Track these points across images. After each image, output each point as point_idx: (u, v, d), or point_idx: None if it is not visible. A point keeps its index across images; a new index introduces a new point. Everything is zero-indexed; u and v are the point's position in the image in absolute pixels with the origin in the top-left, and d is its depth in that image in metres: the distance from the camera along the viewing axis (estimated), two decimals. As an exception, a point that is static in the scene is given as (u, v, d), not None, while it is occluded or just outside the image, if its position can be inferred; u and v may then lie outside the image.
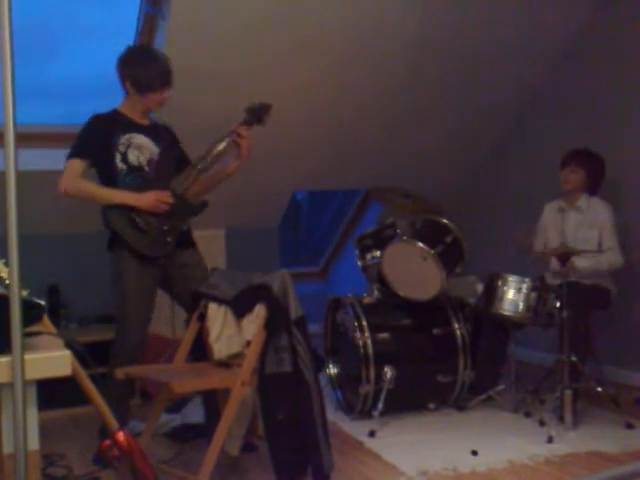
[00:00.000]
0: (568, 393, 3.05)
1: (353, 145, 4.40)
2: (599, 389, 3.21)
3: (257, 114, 3.02)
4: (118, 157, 2.88)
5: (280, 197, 4.71)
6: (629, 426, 3.09)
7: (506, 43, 4.01)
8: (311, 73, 3.87)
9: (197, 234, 4.67)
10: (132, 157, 2.90)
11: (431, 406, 3.41)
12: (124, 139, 2.90)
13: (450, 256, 3.35)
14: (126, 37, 3.74)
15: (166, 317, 3.96)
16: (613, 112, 3.89)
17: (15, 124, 1.37)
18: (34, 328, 1.45)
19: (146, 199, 2.84)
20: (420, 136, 4.47)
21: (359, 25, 3.70)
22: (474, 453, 2.82)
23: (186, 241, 3.04)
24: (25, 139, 3.69)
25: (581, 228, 3.49)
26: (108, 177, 2.90)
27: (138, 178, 2.90)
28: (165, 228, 2.90)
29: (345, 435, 3.13)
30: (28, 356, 1.28)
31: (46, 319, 1.58)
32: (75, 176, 2.85)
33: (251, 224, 4.69)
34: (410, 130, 4.42)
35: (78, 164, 2.86)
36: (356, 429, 3.18)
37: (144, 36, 3.67)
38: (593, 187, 3.55)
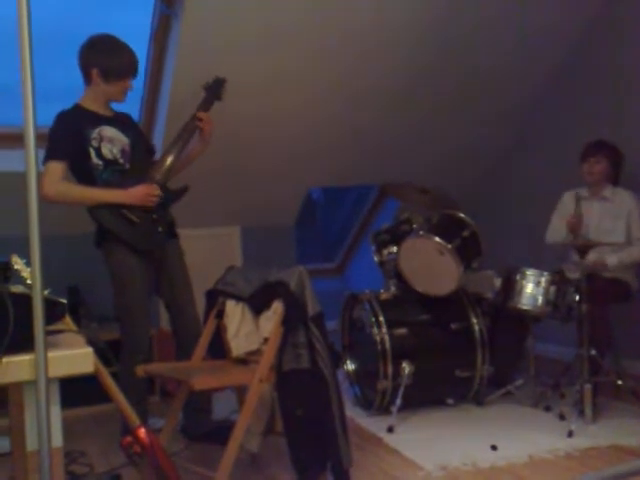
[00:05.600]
0: (588, 387, 3.03)
1: (368, 143, 4.39)
2: (619, 382, 3.18)
3: (214, 90, 3.01)
4: (93, 153, 2.85)
5: (296, 194, 4.72)
6: (650, 419, 3.07)
7: (515, 41, 3.99)
8: (326, 77, 3.87)
9: (213, 232, 4.71)
10: (106, 151, 2.87)
11: (450, 401, 3.40)
12: (95, 133, 2.86)
13: (467, 250, 3.33)
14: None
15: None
16: (621, 104, 3.85)
17: (35, 125, 1.38)
18: (56, 326, 1.47)
19: (135, 194, 2.83)
20: (435, 133, 4.46)
21: (375, 31, 3.70)
22: (494, 448, 2.81)
23: (171, 232, 3.05)
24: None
25: (605, 218, 3.47)
26: (84, 175, 2.86)
27: (115, 172, 2.89)
28: (154, 217, 2.90)
29: (363, 431, 3.14)
30: (51, 354, 1.30)
31: (67, 317, 1.60)
32: (58, 180, 2.78)
33: (267, 222, 4.70)
34: (425, 128, 4.40)
35: (58, 167, 2.79)
36: (374, 425, 3.18)
37: (158, 37, 3.69)
38: (616, 177, 3.53)
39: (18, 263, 1.59)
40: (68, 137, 2.83)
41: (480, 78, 4.18)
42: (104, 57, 2.85)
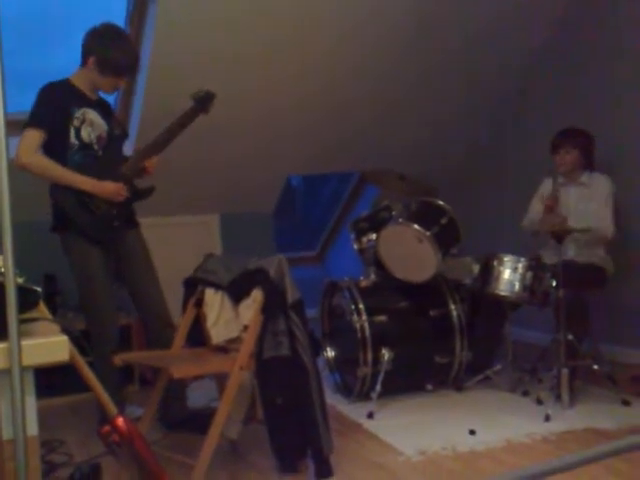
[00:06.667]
0: (565, 372, 3.07)
1: (347, 129, 4.38)
2: (595, 367, 3.23)
3: (203, 103, 2.95)
4: (72, 131, 2.84)
5: (274, 182, 4.70)
6: (625, 403, 3.12)
7: (500, 21, 3.99)
8: (306, 57, 3.85)
9: (191, 219, 4.67)
10: (85, 134, 2.86)
11: (429, 387, 3.42)
12: (79, 113, 2.85)
13: (446, 237, 3.35)
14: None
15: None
16: (611, 85, 3.87)
17: (5, 112, 1.36)
18: (30, 314, 1.45)
19: (107, 189, 2.84)
20: (414, 119, 4.46)
21: (354, 8, 3.67)
22: (472, 432, 2.84)
23: (130, 221, 3.04)
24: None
25: (581, 201, 3.50)
26: (57, 150, 2.83)
27: (87, 157, 2.88)
28: (114, 212, 2.90)
29: (344, 417, 3.15)
30: (25, 342, 1.28)
31: (42, 305, 1.58)
32: (35, 149, 2.77)
33: (246, 209, 4.69)
34: (404, 113, 4.40)
35: (37, 135, 2.77)
36: (355, 411, 3.20)
37: (134, 20, 3.63)
38: (589, 162, 3.55)
39: (-9, 251, 1.57)
40: (53, 109, 2.82)
41: (464, 59, 4.17)
42: (106, 49, 2.83)
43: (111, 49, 2.83)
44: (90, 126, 2.87)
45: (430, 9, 3.81)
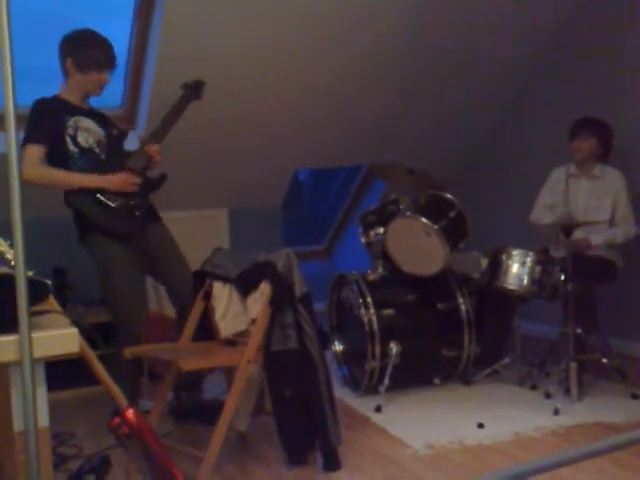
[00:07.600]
0: (573, 365, 3.06)
1: (354, 123, 4.37)
2: (604, 361, 3.22)
3: (195, 90, 3.04)
4: (69, 140, 2.88)
5: (282, 175, 4.71)
6: (634, 397, 3.11)
7: (504, 16, 3.97)
8: (311, 54, 3.84)
9: (200, 214, 4.69)
10: (82, 139, 2.90)
11: (436, 381, 3.42)
12: (71, 122, 2.90)
13: (454, 231, 3.34)
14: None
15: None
16: (613, 80, 3.85)
17: (16, 106, 1.36)
18: (40, 307, 1.46)
19: (116, 180, 2.87)
20: (421, 113, 4.45)
21: (356, 5, 3.66)
22: (480, 426, 2.84)
23: (153, 215, 3.06)
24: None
25: (593, 197, 3.48)
26: (59, 161, 2.88)
27: (90, 161, 2.91)
28: (132, 203, 2.92)
29: (352, 411, 3.16)
30: (35, 334, 1.29)
31: (52, 298, 1.59)
32: (37, 163, 2.82)
33: (254, 203, 4.69)
34: (411, 107, 4.39)
35: (36, 150, 2.82)
36: (363, 405, 3.20)
37: (142, 13, 3.64)
38: (604, 155, 3.53)
39: (2, 245, 1.58)
40: (46, 122, 2.86)
41: (470, 54, 4.15)
42: (79, 47, 2.88)
43: (82, 46, 2.88)
44: (86, 132, 2.92)
45: (430, 8, 3.79)
